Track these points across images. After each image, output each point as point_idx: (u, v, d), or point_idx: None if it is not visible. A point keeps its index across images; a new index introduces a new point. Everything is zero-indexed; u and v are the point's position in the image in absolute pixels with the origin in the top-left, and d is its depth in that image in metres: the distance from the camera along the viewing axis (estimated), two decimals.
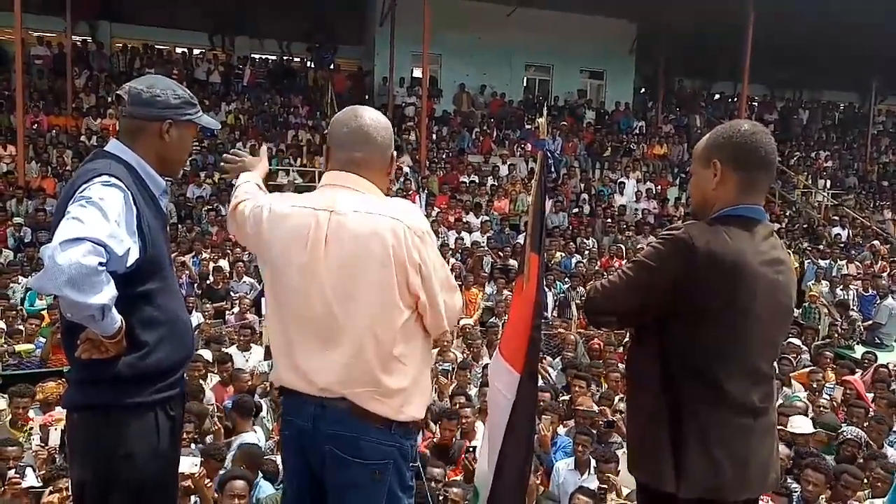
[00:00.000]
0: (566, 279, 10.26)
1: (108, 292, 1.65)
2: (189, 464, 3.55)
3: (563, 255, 11.53)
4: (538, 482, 4.62)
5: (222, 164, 2.46)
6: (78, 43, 16.14)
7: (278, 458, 4.16)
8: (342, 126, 1.95)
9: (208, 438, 4.95)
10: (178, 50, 18.33)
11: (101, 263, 1.63)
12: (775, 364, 2.07)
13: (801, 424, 5.24)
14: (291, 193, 2.17)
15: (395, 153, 2.02)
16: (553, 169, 14.06)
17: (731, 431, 1.74)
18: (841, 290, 11.02)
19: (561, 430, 5.53)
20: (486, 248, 11.45)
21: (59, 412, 4.69)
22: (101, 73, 15.90)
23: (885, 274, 11.79)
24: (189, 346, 2.05)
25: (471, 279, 9.93)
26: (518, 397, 2.16)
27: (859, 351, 8.41)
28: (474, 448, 4.62)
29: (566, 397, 6.13)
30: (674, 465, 1.73)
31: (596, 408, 5.59)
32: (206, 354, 6.43)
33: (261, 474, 4.19)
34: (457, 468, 4.72)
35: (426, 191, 13.46)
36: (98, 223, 1.68)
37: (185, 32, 18.07)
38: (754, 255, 1.73)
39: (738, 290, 1.71)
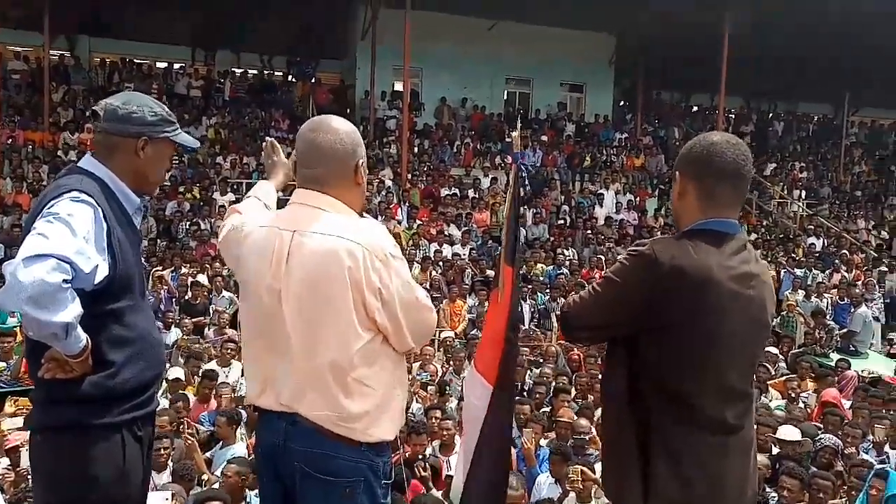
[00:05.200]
0: (547, 290, 10.30)
1: (72, 310, 1.63)
2: (160, 498, 3.49)
3: (546, 266, 11.58)
4: (522, 493, 4.61)
5: (263, 149, 2.39)
6: (56, 57, 16.02)
7: None
8: (301, 141, 1.94)
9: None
10: (158, 64, 18.27)
11: (65, 280, 1.61)
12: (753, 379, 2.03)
13: (788, 433, 5.29)
14: (269, 211, 2.13)
15: (361, 161, 1.95)
16: (527, 182, 14.21)
17: (702, 448, 1.71)
18: (816, 298, 11.19)
19: (542, 442, 5.54)
20: (467, 261, 11.47)
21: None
22: (79, 87, 15.79)
23: (859, 283, 11.98)
24: (160, 365, 2.03)
25: (455, 291, 9.93)
26: (490, 409, 2.15)
27: (835, 359, 8.52)
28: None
29: (547, 409, 6.14)
30: (642, 481, 1.71)
31: (583, 422, 5.55)
32: (179, 373, 6.33)
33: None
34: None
35: (408, 203, 13.48)
36: (64, 239, 1.66)
37: (166, 47, 18.03)
38: (722, 269, 1.69)
39: (705, 305, 1.67)
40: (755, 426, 5.25)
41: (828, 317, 10.54)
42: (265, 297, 1.85)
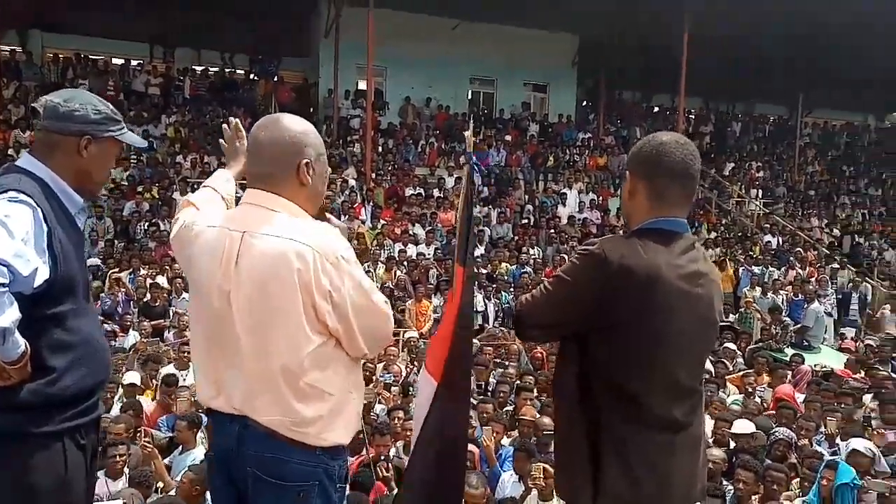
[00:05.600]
0: (511, 289, 10.35)
1: (9, 315, 1.58)
2: None
3: (510, 265, 11.64)
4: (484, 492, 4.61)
5: (224, 131, 2.27)
6: (7, 53, 15.51)
7: None
8: (249, 139, 1.91)
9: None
10: (115, 61, 17.82)
11: (2, 284, 1.56)
12: (704, 376, 2.05)
13: (742, 426, 5.41)
14: (220, 209, 2.06)
15: (306, 161, 1.86)
16: (479, 182, 14.24)
17: (651, 446, 1.72)
18: (772, 294, 11.48)
19: (505, 440, 5.56)
20: (432, 260, 11.47)
21: None
22: (30, 84, 15.32)
23: (812, 279, 12.33)
24: (105, 371, 1.96)
25: (421, 291, 9.92)
26: (432, 406, 2.13)
27: (789, 353, 8.75)
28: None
29: (510, 408, 6.17)
30: (592, 480, 1.72)
31: (546, 420, 5.58)
32: (136, 378, 6.19)
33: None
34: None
35: (371, 203, 13.41)
36: (1, 241, 1.60)
37: (123, 43, 17.59)
38: (670, 268, 1.70)
39: (654, 303, 1.68)
40: (715, 421, 5.38)
41: (784, 313, 10.84)
42: (215, 299, 1.82)
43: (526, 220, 14.22)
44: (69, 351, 1.82)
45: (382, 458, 4.81)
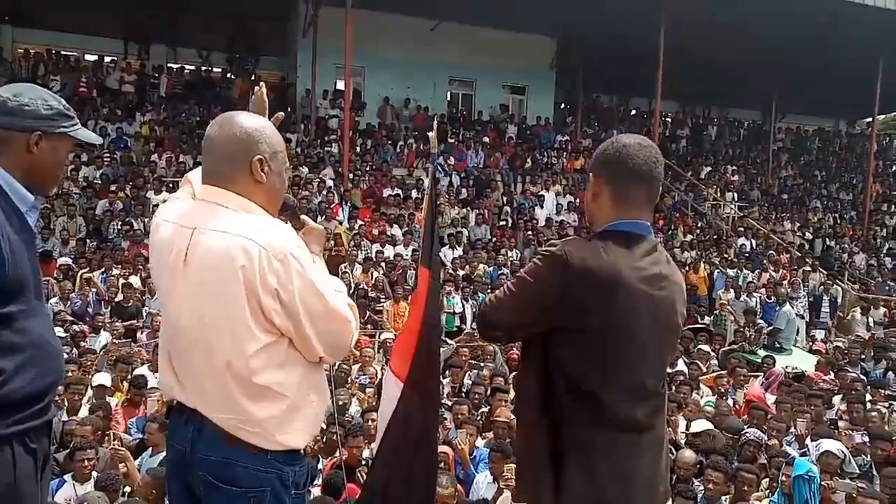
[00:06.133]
0: (488, 291, 10.37)
1: None
2: None
3: (487, 267, 11.67)
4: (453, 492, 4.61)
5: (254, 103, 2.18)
6: None
7: None
8: (204, 137, 1.88)
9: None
10: (88, 57, 17.52)
11: None
12: (680, 378, 2.07)
13: (697, 426, 5.50)
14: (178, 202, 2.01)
15: (259, 158, 1.81)
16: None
17: (613, 447, 1.72)
18: (746, 297, 11.64)
19: (480, 442, 5.56)
20: (410, 261, 11.45)
21: None
22: (0, 80, 15.00)
23: (785, 282, 12.53)
24: (56, 373, 1.90)
25: (399, 292, 9.89)
26: (399, 406, 2.12)
27: (762, 355, 8.87)
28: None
29: (485, 409, 6.17)
30: (553, 481, 1.72)
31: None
32: (105, 379, 6.09)
33: None
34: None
35: (349, 203, 13.35)
36: None
37: (97, 39, 17.36)
38: (632, 270, 1.71)
39: (615, 305, 1.68)
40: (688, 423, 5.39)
41: (757, 315, 11.00)
42: (166, 294, 1.82)
43: (504, 222, 14.26)
44: (18, 353, 1.76)
45: (363, 461, 4.77)
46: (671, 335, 1.86)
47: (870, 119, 20.55)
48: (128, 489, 4.35)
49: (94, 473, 4.45)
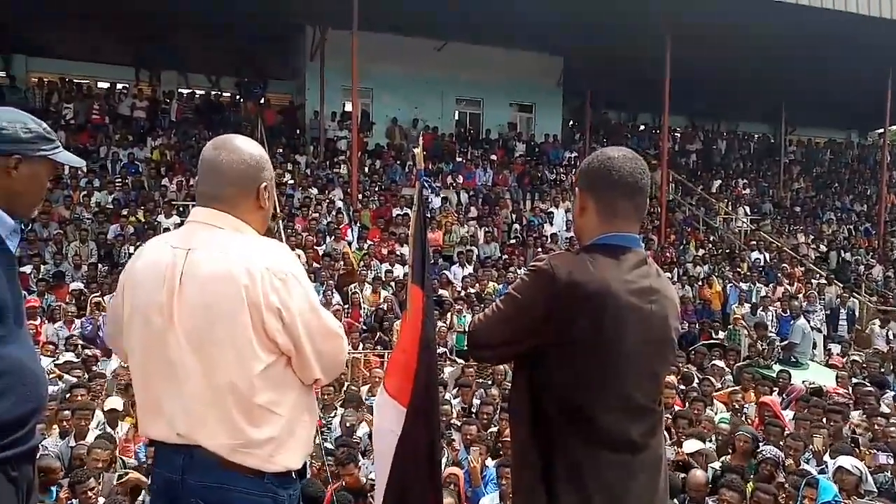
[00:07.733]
0: None
1: None
2: None
3: (497, 285, 11.60)
4: None
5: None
6: None
7: None
8: (203, 160, 1.87)
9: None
10: (100, 84, 17.81)
11: None
12: (665, 394, 2.01)
13: (690, 446, 5.42)
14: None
15: (264, 185, 1.87)
16: (429, 198, 14.19)
17: (606, 468, 1.67)
18: (761, 311, 11.49)
19: (490, 462, 5.48)
20: None
21: None
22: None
23: (800, 296, 12.36)
24: (38, 399, 1.85)
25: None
26: (405, 430, 2.08)
27: (776, 370, 8.72)
28: None
29: (494, 429, 6.09)
30: (546, 502, 1.67)
31: None
32: (117, 403, 6.09)
33: None
34: None
35: (358, 224, 13.37)
36: None
37: (108, 66, 17.62)
38: (621, 283, 1.67)
39: (604, 318, 1.65)
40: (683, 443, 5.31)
41: (772, 329, 10.84)
42: (156, 318, 1.77)
43: (513, 240, 14.21)
44: None
45: (370, 482, 4.73)
46: (664, 350, 1.80)
47: (881, 130, 20.37)
48: None
49: (101, 499, 4.43)
